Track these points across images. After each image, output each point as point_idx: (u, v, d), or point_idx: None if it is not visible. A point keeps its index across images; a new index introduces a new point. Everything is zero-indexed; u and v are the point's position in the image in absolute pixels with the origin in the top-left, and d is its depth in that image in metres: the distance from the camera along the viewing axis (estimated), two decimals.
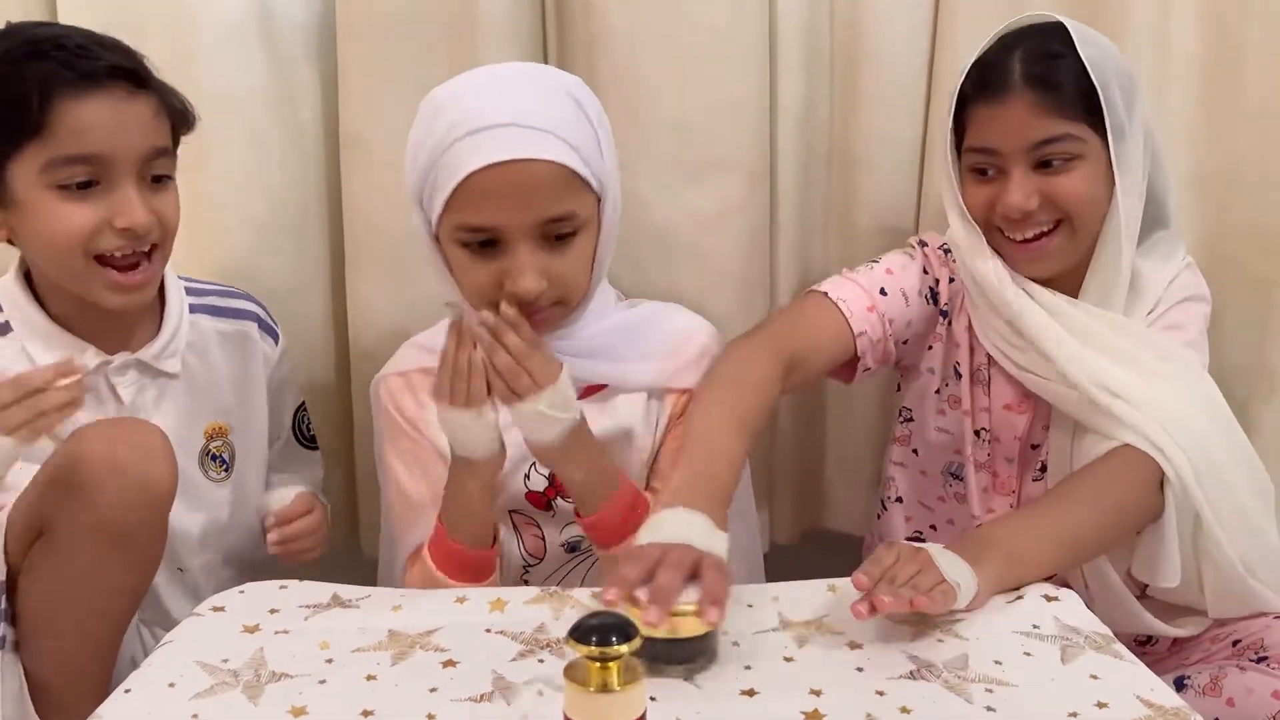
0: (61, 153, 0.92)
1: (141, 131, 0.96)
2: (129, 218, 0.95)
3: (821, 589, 0.95)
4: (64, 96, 0.92)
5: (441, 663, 0.83)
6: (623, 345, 1.08)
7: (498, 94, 0.97)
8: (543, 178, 0.94)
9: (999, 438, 1.16)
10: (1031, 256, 1.08)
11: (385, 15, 1.25)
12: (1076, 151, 1.04)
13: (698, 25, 1.24)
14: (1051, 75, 1.02)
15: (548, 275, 0.97)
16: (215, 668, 0.81)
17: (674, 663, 0.80)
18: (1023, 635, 0.86)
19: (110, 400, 1.03)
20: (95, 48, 0.94)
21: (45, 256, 0.97)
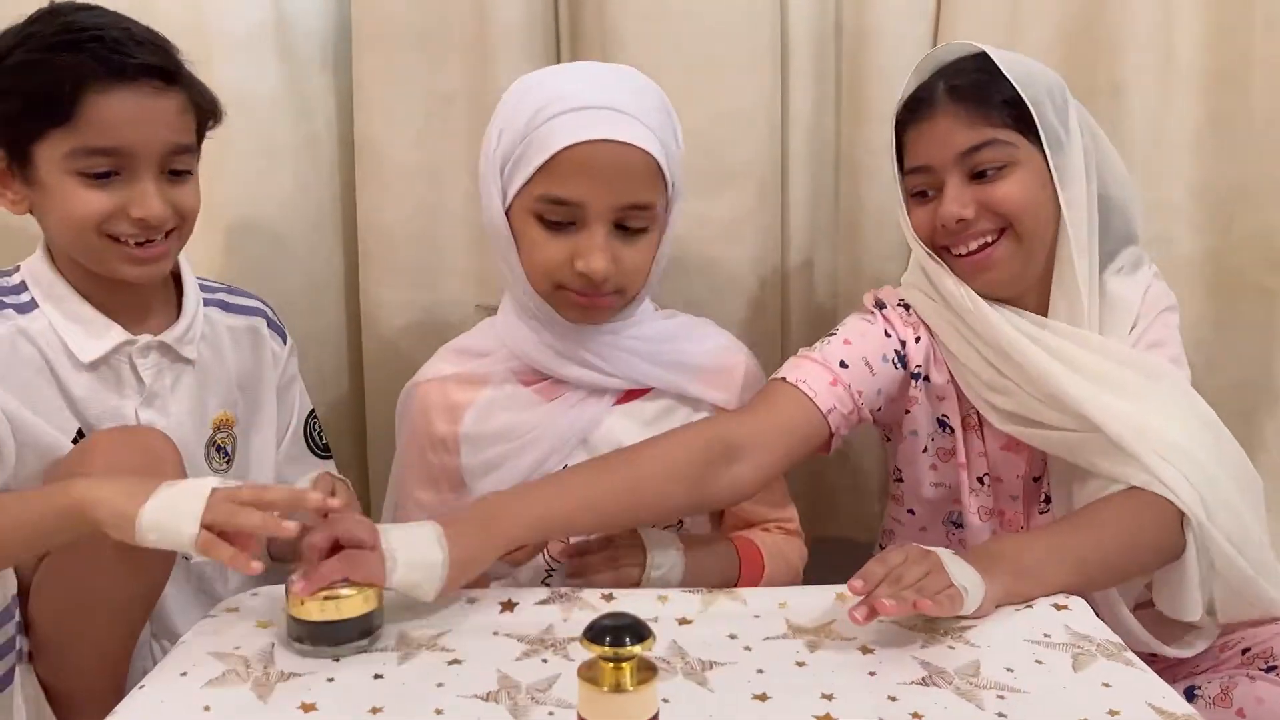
0: (86, 144, 0.94)
1: (166, 128, 0.98)
2: (144, 209, 0.96)
3: (829, 595, 0.95)
4: (94, 90, 0.93)
5: (447, 661, 0.83)
6: (670, 351, 1.09)
7: (593, 82, 1.01)
8: (633, 163, 0.97)
9: (1001, 478, 1.15)
10: (979, 267, 1.06)
11: (400, 24, 1.27)
12: (1007, 158, 1.04)
13: (710, 36, 1.26)
14: (975, 87, 1.04)
15: (616, 262, 0.99)
16: (227, 654, 0.82)
17: (331, 643, 0.82)
18: (1034, 643, 0.86)
19: (130, 381, 1.02)
20: (130, 44, 0.96)
21: (62, 233, 0.98)
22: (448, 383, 1.10)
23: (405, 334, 1.35)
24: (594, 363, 1.05)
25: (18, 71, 0.93)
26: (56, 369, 0.98)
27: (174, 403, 1.05)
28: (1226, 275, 1.34)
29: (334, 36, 1.32)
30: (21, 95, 0.93)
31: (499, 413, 1.07)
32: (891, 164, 1.12)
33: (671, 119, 1.03)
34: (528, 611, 0.92)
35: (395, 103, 1.28)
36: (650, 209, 1.00)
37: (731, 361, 1.12)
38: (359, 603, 0.83)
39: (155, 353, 1.03)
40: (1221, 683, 0.99)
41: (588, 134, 0.96)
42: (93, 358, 0.99)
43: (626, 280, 1.01)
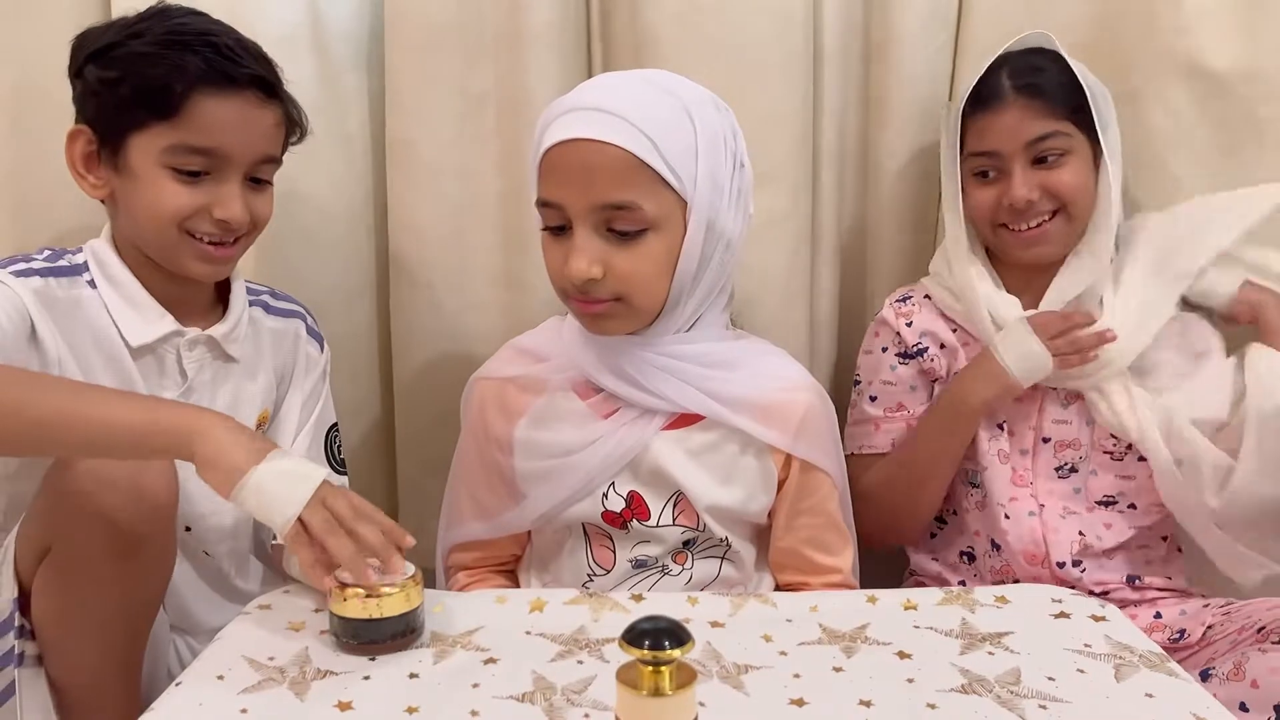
0: (186, 141, 0.97)
1: (261, 138, 1.02)
2: (227, 211, 1.00)
3: (860, 599, 0.94)
4: (204, 92, 0.97)
5: (482, 661, 0.83)
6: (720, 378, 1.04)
7: (599, 85, 1.01)
8: (605, 160, 0.94)
9: (1014, 430, 1.21)
10: (1035, 241, 1.19)
11: (433, 25, 1.27)
12: (1066, 147, 1.17)
13: (743, 37, 1.25)
14: (1037, 82, 1.17)
15: (606, 267, 0.96)
16: (262, 664, 0.82)
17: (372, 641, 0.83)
18: (1074, 652, 0.85)
19: (173, 374, 1.04)
20: (242, 53, 1.00)
21: (141, 223, 1.01)
22: (507, 384, 1.09)
23: (435, 335, 1.34)
24: (632, 377, 1.02)
25: (129, 62, 0.97)
26: (106, 349, 1.00)
27: (213, 399, 1.06)
28: None
29: (367, 37, 1.32)
30: (131, 85, 0.96)
31: (552, 423, 1.06)
32: (952, 148, 1.22)
33: (692, 120, 0.97)
34: (557, 611, 0.92)
35: (428, 103, 1.28)
36: (635, 210, 0.95)
37: (788, 400, 1.05)
38: (400, 601, 0.84)
39: (202, 347, 1.05)
40: (1234, 659, 1.00)
41: (563, 135, 0.95)
42: (142, 342, 1.01)
43: (624, 287, 0.97)
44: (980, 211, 1.21)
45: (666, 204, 0.96)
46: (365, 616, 0.83)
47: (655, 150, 0.94)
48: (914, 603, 0.93)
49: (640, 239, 0.96)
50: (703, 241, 0.98)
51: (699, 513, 1.05)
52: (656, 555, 1.06)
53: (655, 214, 0.96)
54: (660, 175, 0.95)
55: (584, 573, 1.08)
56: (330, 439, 1.18)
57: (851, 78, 1.34)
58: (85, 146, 1.01)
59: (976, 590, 0.96)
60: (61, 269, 1.01)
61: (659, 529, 1.05)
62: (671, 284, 0.99)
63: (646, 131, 0.94)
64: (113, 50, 0.98)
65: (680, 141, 0.96)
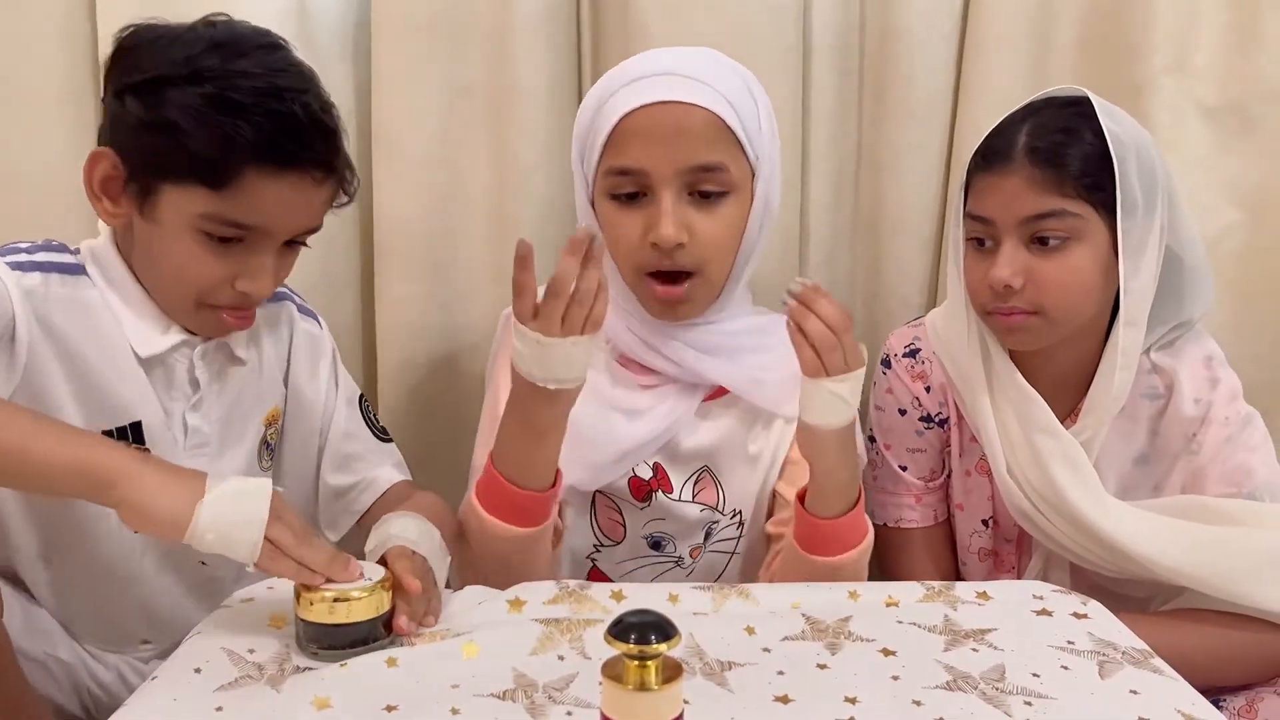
0: (226, 214, 0.89)
1: (308, 215, 0.94)
2: (253, 285, 0.92)
3: (842, 595, 0.94)
4: (257, 170, 0.87)
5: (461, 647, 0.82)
6: (750, 351, 1.06)
7: (669, 53, 1.00)
8: (692, 122, 0.95)
9: (999, 522, 1.17)
10: (1011, 328, 1.05)
11: (420, 14, 1.26)
12: (1072, 231, 1.00)
13: (733, 31, 1.25)
14: (1055, 150, 1.00)
15: (690, 232, 0.96)
16: (241, 658, 0.80)
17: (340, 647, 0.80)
18: (1058, 649, 0.85)
19: (183, 384, 0.97)
20: (310, 128, 0.89)
21: (158, 274, 0.93)
22: None
23: (420, 328, 1.34)
24: (669, 355, 1.03)
25: (180, 113, 0.86)
26: (114, 356, 0.93)
27: (220, 405, 1.00)
28: (1249, 275, 1.33)
29: (354, 27, 1.32)
30: (180, 142, 0.86)
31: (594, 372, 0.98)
32: (958, 204, 1.09)
33: (752, 91, 1.00)
34: (536, 609, 0.90)
35: (414, 94, 1.28)
36: (721, 171, 0.97)
37: None
38: (369, 606, 0.81)
39: (213, 352, 0.99)
40: (1248, 696, 0.98)
41: (643, 99, 0.95)
42: (152, 353, 0.94)
43: (704, 253, 0.98)
44: (969, 283, 1.08)
45: (742, 170, 0.99)
46: (333, 621, 0.80)
47: (736, 114, 0.97)
48: (895, 599, 0.93)
49: (720, 203, 0.98)
50: (763, 214, 1.01)
51: (721, 485, 1.05)
52: (674, 535, 1.06)
53: (736, 177, 0.98)
54: (739, 140, 0.97)
55: (590, 541, 1.07)
56: (364, 408, 1.13)
57: (849, 72, 1.34)
58: (109, 171, 0.90)
59: (958, 586, 0.96)
60: (66, 265, 0.93)
61: (679, 504, 1.06)
62: (736, 258, 1.01)
63: (726, 96, 0.96)
64: (163, 89, 0.86)
65: (750, 111, 0.99)
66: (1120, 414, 1.07)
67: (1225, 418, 1.06)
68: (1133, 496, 1.08)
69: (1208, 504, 1.04)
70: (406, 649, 0.82)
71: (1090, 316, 1.05)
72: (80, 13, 1.26)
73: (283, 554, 0.79)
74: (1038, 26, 1.30)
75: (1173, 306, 1.08)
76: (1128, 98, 1.25)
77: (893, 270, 1.37)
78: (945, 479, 1.18)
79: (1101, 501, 1.04)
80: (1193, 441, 1.07)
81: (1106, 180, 0.99)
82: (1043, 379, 1.08)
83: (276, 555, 0.79)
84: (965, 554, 1.19)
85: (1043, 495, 1.06)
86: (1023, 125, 1.03)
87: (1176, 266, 1.07)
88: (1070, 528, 1.05)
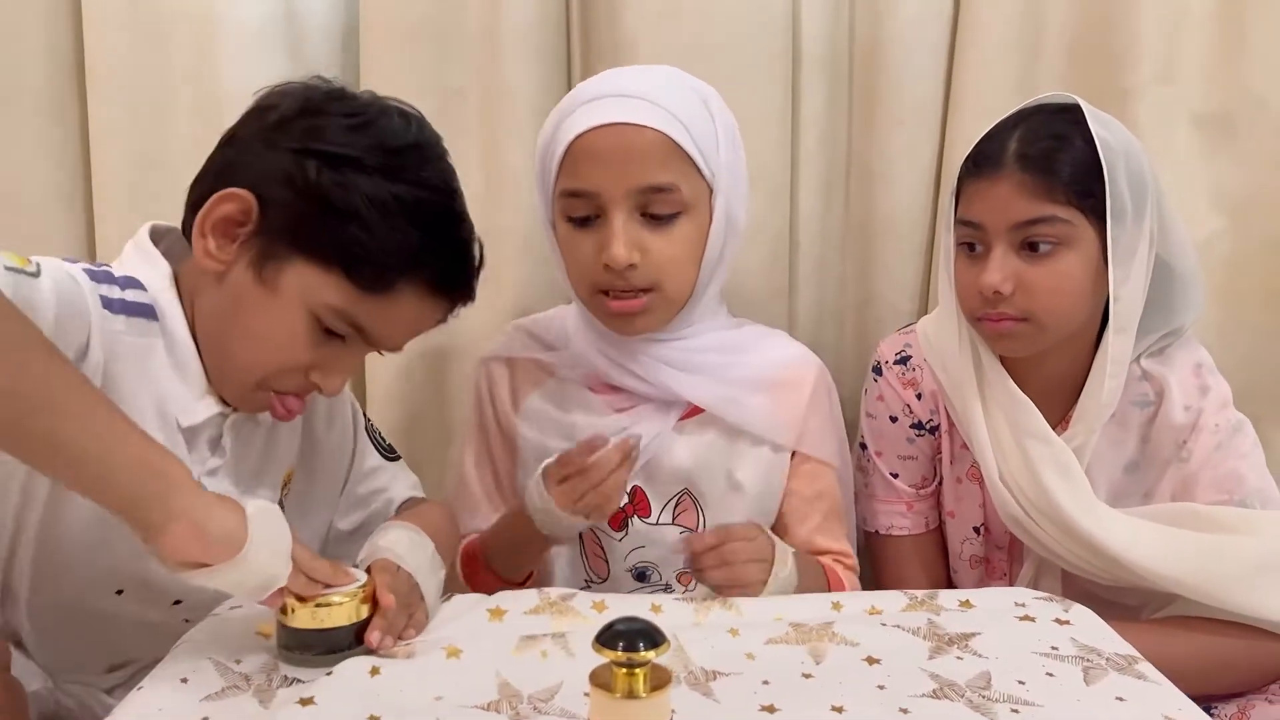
0: (355, 316, 0.85)
1: (418, 334, 0.92)
2: (328, 382, 0.88)
3: (825, 605, 0.94)
4: (410, 288, 0.85)
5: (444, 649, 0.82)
6: (725, 367, 1.06)
7: (621, 74, 1.02)
8: (644, 143, 0.96)
9: (990, 529, 1.17)
10: (1000, 334, 1.05)
11: (409, 22, 1.26)
12: (1063, 237, 1.01)
13: (721, 40, 1.25)
14: (1046, 156, 1.00)
15: (643, 252, 0.97)
16: (228, 668, 0.80)
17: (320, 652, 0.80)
18: (1042, 656, 0.85)
19: (204, 448, 0.90)
20: (475, 260, 0.90)
21: (233, 344, 0.87)
22: (516, 363, 1.10)
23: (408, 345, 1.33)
24: (638, 371, 1.03)
25: (362, 201, 0.81)
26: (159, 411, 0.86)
27: (237, 471, 0.94)
28: (1236, 281, 1.34)
29: (342, 32, 1.31)
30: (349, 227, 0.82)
31: (566, 407, 1.06)
32: (949, 209, 1.09)
33: (710, 109, 1.00)
34: (517, 619, 0.90)
35: (403, 99, 1.27)
36: (672, 191, 0.97)
37: (796, 376, 1.09)
38: (350, 610, 0.81)
39: (243, 422, 0.93)
40: (1239, 704, 0.99)
41: (593, 121, 0.96)
42: (191, 423, 0.88)
43: (659, 273, 0.98)
44: (960, 289, 1.08)
45: (697, 189, 0.99)
46: (312, 626, 0.80)
47: (688, 134, 0.96)
48: (879, 608, 0.93)
49: (674, 223, 0.98)
50: (724, 230, 1.01)
51: (702, 508, 1.05)
52: (656, 563, 1.06)
53: (689, 197, 0.98)
54: (692, 159, 0.97)
55: (581, 577, 1.08)
56: (370, 430, 1.10)
57: (838, 81, 1.34)
58: (236, 215, 0.84)
59: (941, 594, 0.96)
60: (143, 308, 0.85)
61: (657, 528, 1.05)
62: (698, 274, 1.01)
63: (679, 116, 0.96)
64: (349, 170, 0.82)
65: (705, 129, 0.98)
66: (1111, 421, 1.07)
67: (1215, 425, 1.06)
68: (1123, 504, 1.08)
69: (1199, 511, 1.04)
70: (390, 659, 0.82)
71: (1080, 323, 1.05)
72: (64, 26, 1.26)
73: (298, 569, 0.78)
74: (1026, 35, 1.31)
75: (1163, 314, 1.08)
76: (1115, 105, 1.26)
77: (883, 277, 1.37)
78: (936, 486, 1.18)
79: (1093, 508, 1.04)
80: (1183, 449, 1.07)
81: (1097, 187, 0.99)
82: (1033, 386, 1.08)
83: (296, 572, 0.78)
84: (957, 561, 1.19)
85: (1034, 502, 1.06)
86: (1013, 131, 1.03)
87: (1167, 274, 1.07)
88: (1062, 535, 1.05)
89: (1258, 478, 1.06)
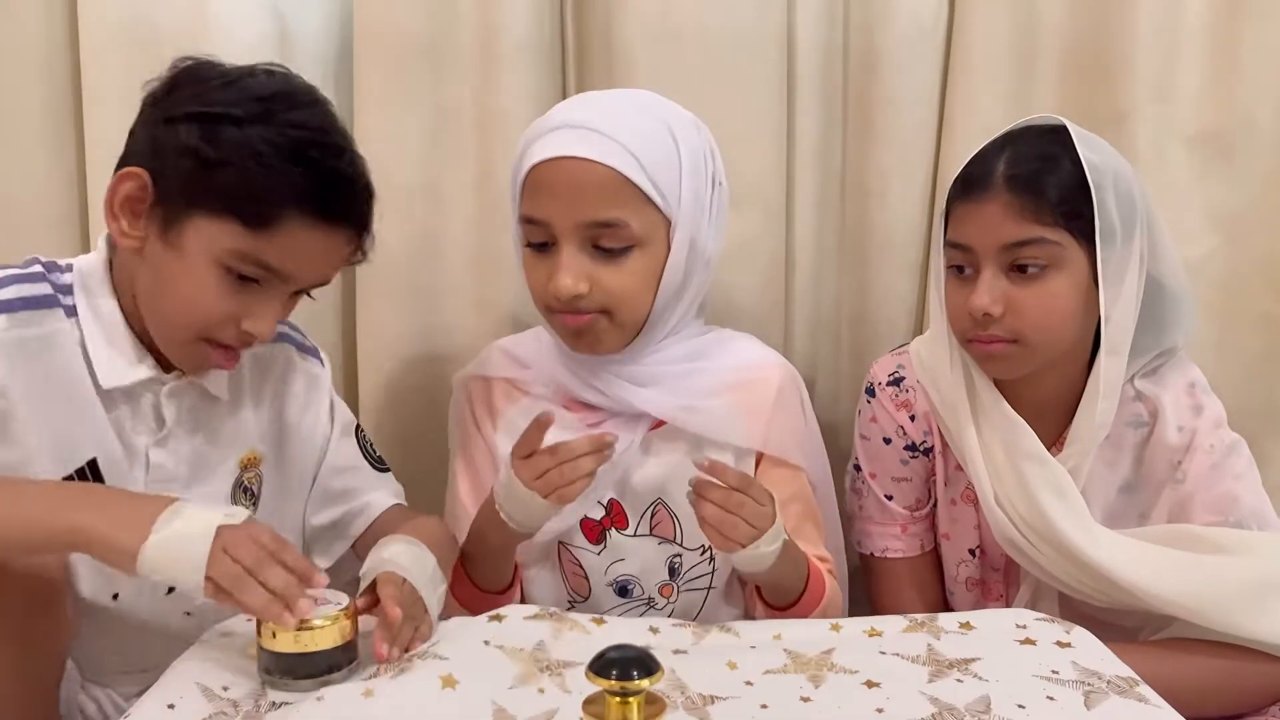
0: (255, 255, 0.89)
1: (328, 269, 0.96)
2: (257, 326, 0.92)
3: (824, 627, 0.93)
4: (300, 221, 0.88)
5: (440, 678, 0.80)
6: (685, 375, 1.06)
7: (583, 102, 1.02)
8: (592, 178, 0.95)
9: (986, 551, 1.16)
10: (988, 354, 1.05)
11: (403, 43, 1.26)
12: (1051, 259, 1.00)
13: (717, 58, 1.25)
14: (1034, 178, 1.00)
15: (593, 283, 0.97)
16: (215, 694, 0.79)
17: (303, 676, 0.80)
18: (1043, 679, 0.84)
19: (149, 418, 0.96)
20: (355, 187, 0.92)
21: (163, 304, 0.92)
22: (494, 383, 1.11)
23: (403, 356, 1.33)
24: (598, 386, 1.04)
25: (236, 150, 0.87)
26: (70, 390, 0.92)
27: (191, 443, 0.99)
28: (1229, 301, 1.34)
29: (336, 56, 1.31)
30: (228, 176, 0.87)
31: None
32: (939, 230, 1.09)
33: (676, 140, 0.99)
34: (516, 625, 0.90)
35: (398, 122, 1.27)
36: (621, 227, 0.96)
37: (759, 377, 1.08)
38: (333, 634, 0.81)
39: (183, 390, 0.97)
40: None
41: (547, 153, 0.96)
42: (115, 385, 0.93)
43: (611, 301, 0.98)
44: (950, 311, 1.07)
45: (651, 222, 0.98)
46: (295, 650, 0.79)
47: (641, 169, 0.96)
48: (878, 630, 0.93)
49: (625, 256, 0.98)
50: (685, 259, 1.00)
51: (677, 516, 1.05)
52: (637, 576, 1.05)
53: (640, 232, 0.97)
54: (645, 194, 0.96)
55: (563, 597, 1.07)
56: (360, 438, 1.13)
57: (832, 98, 1.34)
58: (135, 192, 0.90)
59: (941, 617, 0.95)
60: (38, 299, 0.91)
61: (634, 539, 1.05)
62: (655, 301, 1.00)
63: (632, 150, 0.95)
64: (221, 124, 0.87)
65: (664, 160, 0.98)
66: (1105, 442, 1.07)
67: (1209, 445, 1.06)
68: (1119, 525, 1.08)
69: (1196, 532, 1.03)
70: (384, 680, 0.81)
71: (1070, 345, 1.05)
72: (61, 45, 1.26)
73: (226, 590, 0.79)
74: (1021, 53, 1.31)
75: (1155, 334, 1.08)
76: (1109, 124, 1.27)
77: (878, 295, 1.37)
78: (931, 508, 1.18)
79: (1089, 530, 1.04)
80: (1177, 470, 1.07)
81: (1085, 208, 0.99)
82: (1026, 407, 1.08)
83: (223, 595, 0.79)
84: (953, 584, 1.18)
85: (1030, 524, 1.06)
86: (1001, 153, 1.03)
87: (1158, 293, 1.07)
88: (1058, 556, 1.04)
89: (1253, 498, 1.05)
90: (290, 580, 0.80)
